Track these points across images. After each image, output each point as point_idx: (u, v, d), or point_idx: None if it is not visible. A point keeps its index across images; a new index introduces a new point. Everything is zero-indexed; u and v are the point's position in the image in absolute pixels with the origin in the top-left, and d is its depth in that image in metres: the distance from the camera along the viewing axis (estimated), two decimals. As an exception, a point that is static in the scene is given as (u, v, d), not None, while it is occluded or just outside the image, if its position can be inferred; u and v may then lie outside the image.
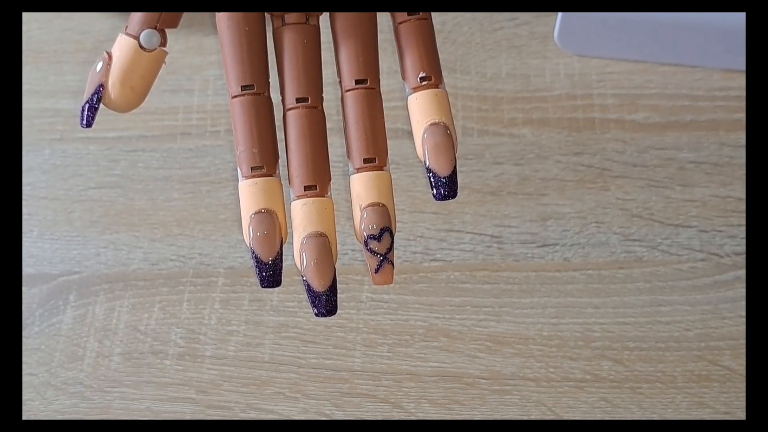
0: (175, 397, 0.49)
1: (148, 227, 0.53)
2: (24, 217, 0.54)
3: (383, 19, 0.30)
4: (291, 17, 0.29)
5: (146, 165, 0.55)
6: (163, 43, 0.29)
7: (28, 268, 0.52)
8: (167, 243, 0.53)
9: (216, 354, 0.49)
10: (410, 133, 0.29)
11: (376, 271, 0.28)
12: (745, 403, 0.46)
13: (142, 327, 0.50)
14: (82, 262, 0.52)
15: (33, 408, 0.49)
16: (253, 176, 0.28)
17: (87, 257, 0.53)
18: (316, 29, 0.30)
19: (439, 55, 0.30)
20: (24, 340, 0.50)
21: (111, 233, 0.53)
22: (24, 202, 0.54)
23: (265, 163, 0.28)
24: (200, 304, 0.51)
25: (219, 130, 0.56)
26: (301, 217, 0.28)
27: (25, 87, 0.58)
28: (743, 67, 0.55)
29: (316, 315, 0.28)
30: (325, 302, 0.28)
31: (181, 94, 0.57)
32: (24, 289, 0.52)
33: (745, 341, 0.47)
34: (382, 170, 0.29)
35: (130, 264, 0.52)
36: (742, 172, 0.52)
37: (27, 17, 0.61)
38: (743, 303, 0.49)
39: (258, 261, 0.28)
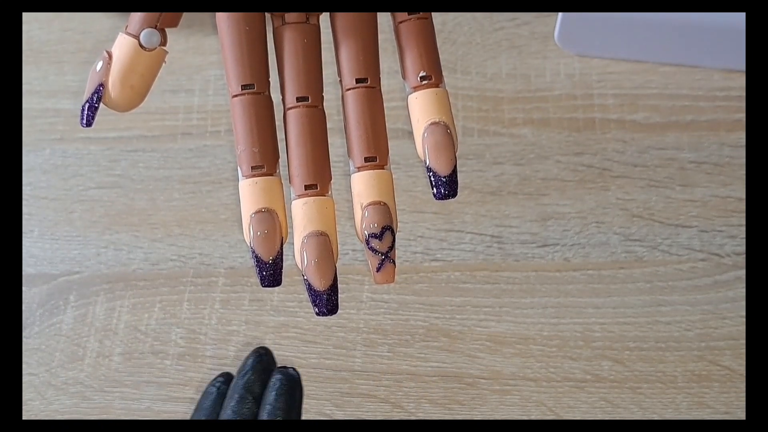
0: (176, 397, 0.49)
1: (148, 227, 0.53)
2: (24, 217, 0.54)
3: (383, 19, 0.30)
4: (291, 17, 0.29)
5: (147, 165, 0.55)
6: (164, 43, 0.29)
7: (28, 268, 0.52)
8: (168, 243, 0.53)
9: (216, 354, 0.49)
10: (410, 133, 0.29)
11: (378, 269, 0.28)
12: (745, 403, 0.46)
13: (142, 327, 0.50)
14: (82, 262, 0.52)
15: (33, 408, 0.49)
16: (254, 175, 0.28)
17: (87, 257, 0.53)
18: (317, 29, 0.30)
19: (440, 55, 0.30)
20: (24, 340, 0.50)
21: (111, 233, 0.53)
22: (24, 202, 0.54)
23: (266, 162, 0.28)
24: (200, 304, 0.51)
25: (219, 130, 0.56)
26: (302, 216, 0.28)
27: (25, 87, 0.58)
28: (743, 67, 0.55)
29: (317, 314, 0.28)
30: (326, 301, 0.28)
31: (182, 94, 0.57)
32: (24, 289, 0.52)
33: (745, 341, 0.47)
34: (383, 169, 0.29)
35: (130, 264, 0.52)
36: (742, 172, 0.52)
37: (27, 17, 0.61)
38: (743, 303, 0.49)
39: (258, 260, 0.28)
